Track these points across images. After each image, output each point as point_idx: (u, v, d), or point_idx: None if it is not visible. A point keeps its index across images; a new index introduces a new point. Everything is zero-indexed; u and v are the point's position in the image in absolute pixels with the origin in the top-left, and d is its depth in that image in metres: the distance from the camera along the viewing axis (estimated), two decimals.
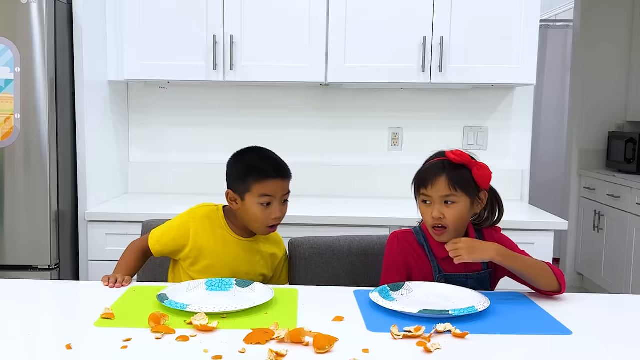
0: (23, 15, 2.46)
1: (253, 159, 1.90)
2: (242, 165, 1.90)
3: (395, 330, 1.39)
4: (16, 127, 2.48)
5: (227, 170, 1.94)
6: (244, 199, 1.86)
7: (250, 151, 1.95)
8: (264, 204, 1.84)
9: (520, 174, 3.26)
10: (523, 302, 1.68)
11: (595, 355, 1.32)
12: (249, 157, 1.92)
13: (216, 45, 2.86)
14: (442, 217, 1.72)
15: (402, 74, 2.86)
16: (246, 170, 1.87)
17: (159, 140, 3.32)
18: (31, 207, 2.51)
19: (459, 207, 1.72)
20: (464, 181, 1.73)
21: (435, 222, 1.73)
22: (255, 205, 1.84)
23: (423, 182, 1.75)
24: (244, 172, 1.87)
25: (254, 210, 1.85)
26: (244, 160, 1.91)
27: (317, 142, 3.30)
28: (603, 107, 4.86)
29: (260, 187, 1.84)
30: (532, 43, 2.83)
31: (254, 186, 1.84)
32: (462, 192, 1.72)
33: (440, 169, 1.74)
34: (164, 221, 2.05)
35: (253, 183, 1.84)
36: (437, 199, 1.73)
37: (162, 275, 2.20)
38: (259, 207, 1.84)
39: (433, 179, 1.73)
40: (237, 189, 1.88)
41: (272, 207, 1.86)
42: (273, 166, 1.88)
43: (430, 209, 1.74)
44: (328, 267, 2.05)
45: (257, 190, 1.84)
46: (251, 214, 1.86)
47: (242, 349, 1.29)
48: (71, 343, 1.30)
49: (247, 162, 1.90)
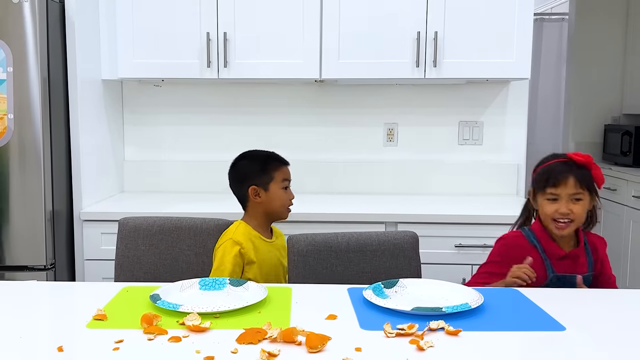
0: (15, 15, 2.45)
1: (263, 155, 2.20)
2: (258, 161, 2.17)
3: (388, 328, 1.39)
4: (9, 127, 2.48)
5: (238, 175, 2.18)
6: (268, 188, 2.14)
7: (251, 153, 2.23)
8: (284, 188, 2.16)
9: (516, 169, 3.25)
10: (516, 298, 1.67)
11: (588, 351, 1.32)
12: (258, 156, 2.20)
13: (210, 42, 2.85)
14: (569, 212, 1.88)
15: (396, 69, 2.86)
16: (264, 164, 2.16)
17: (154, 139, 3.31)
18: (26, 207, 2.51)
19: (584, 204, 1.90)
20: (589, 181, 1.91)
21: (562, 217, 1.89)
22: (280, 191, 2.15)
23: (553, 182, 1.90)
24: (263, 166, 2.15)
25: (279, 195, 2.14)
26: (257, 160, 2.18)
27: (313, 139, 3.29)
28: (599, 100, 4.86)
29: (281, 174, 2.16)
30: (527, 37, 2.82)
31: (276, 174, 2.14)
32: (586, 191, 1.90)
33: (568, 169, 1.90)
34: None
35: (274, 172, 2.14)
36: (565, 196, 1.88)
37: (163, 274, 2.20)
38: (282, 192, 2.15)
39: (563, 178, 1.89)
40: (260, 182, 2.13)
41: (289, 190, 2.19)
42: (279, 157, 2.21)
43: (557, 205, 1.89)
44: (325, 263, 2.05)
45: (279, 177, 2.15)
46: (277, 199, 2.14)
47: (235, 349, 1.28)
48: (63, 345, 1.30)
49: (262, 158, 2.18)
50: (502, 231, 2.63)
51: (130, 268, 2.22)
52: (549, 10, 5.76)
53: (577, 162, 1.91)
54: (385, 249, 2.07)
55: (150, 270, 2.22)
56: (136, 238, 2.23)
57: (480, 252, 2.64)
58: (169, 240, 2.24)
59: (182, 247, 2.23)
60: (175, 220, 2.26)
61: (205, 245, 2.22)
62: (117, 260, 2.23)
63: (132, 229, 2.24)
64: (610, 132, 4.68)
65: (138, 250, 2.23)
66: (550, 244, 1.93)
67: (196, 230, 2.24)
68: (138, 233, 2.24)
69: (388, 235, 2.10)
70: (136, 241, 2.23)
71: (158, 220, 2.26)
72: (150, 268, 2.23)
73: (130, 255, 2.23)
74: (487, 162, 3.27)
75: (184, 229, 2.24)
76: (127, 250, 2.23)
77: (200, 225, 2.25)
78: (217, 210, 2.69)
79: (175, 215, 2.31)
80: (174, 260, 2.23)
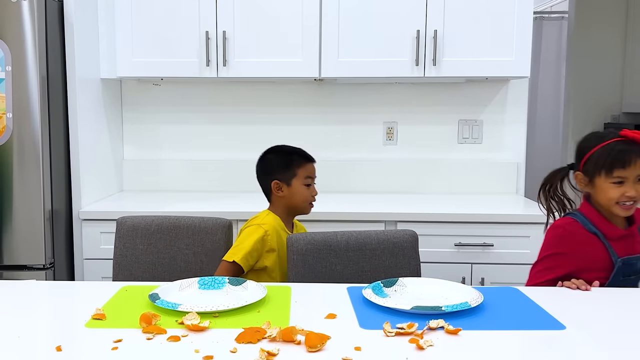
0: (14, 14, 2.44)
1: (289, 151, 2.26)
2: (283, 157, 2.23)
3: (387, 327, 1.39)
4: (8, 126, 2.47)
5: (264, 168, 2.24)
6: (291, 184, 2.19)
7: (279, 147, 2.30)
8: (306, 185, 2.20)
9: (516, 167, 3.25)
10: (517, 297, 1.67)
11: (588, 350, 1.31)
12: (284, 151, 2.27)
13: (209, 41, 2.84)
14: (636, 194, 1.83)
15: (396, 68, 2.85)
16: (289, 159, 2.21)
17: (153, 138, 3.31)
18: (25, 207, 2.51)
19: None
20: None
21: (628, 199, 1.83)
22: (301, 187, 2.20)
23: (621, 164, 1.82)
24: (286, 162, 2.20)
25: (301, 191, 2.20)
26: (282, 155, 2.24)
27: (312, 138, 3.29)
28: (599, 99, 4.85)
29: (304, 170, 2.21)
30: (526, 35, 2.82)
31: (299, 170, 2.20)
32: None
33: (634, 149, 1.82)
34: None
35: (297, 168, 2.20)
36: (633, 178, 1.82)
37: (161, 273, 2.20)
38: (304, 188, 2.20)
39: (631, 160, 1.81)
40: (283, 177, 2.20)
41: (312, 187, 2.23)
42: (306, 154, 2.25)
43: (624, 188, 1.82)
44: (325, 262, 2.05)
45: (302, 173, 2.20)
46: (298, 195, 2.20)
47: (234, 349, 1.28)
48: (61, 345, 1.29)
49: (287, 154, 2.24)
50: (502, 230, 2.65)
51: (129, 267, 2.22)
52: (549, 9, 5.75)
53: (638, 142, 1.82)
54: (384, 248, 2.07)
55: (149, 269, 2.22)
56: (134, 237, 2.23)
57: (480, 250, 2.64)
58: (167, 239, 2.23)
59: (180, 246, 2.23)
60: (173, 219, 2.26)
61: (204, 244, 2.22)
62: (115, 260, 2.23)
63: (130, 228, 2.24)
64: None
65: (136, 249, 2.22)
66: (608, 225, 1.87)
67: (194, 229, 2.24)
68: (136, 232, 2.23)
69: (387, 234, 2.10)
70: (134, 240, 2.23)
71: (156, 219, 2.26)
72: (149, 267, 2.22)
73: (129, 255, 2.22)
74: (486, 160, 3.27)
75: (182, 228, 2.24)
76: (125, 249, 2.23)
77: (198, 224, 2.24)
78: (215, 209, 2.69)
79: (174, 214, 2.31)
80: (172, 259, 2.23)
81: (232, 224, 2.30)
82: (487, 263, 2.66)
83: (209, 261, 2.21)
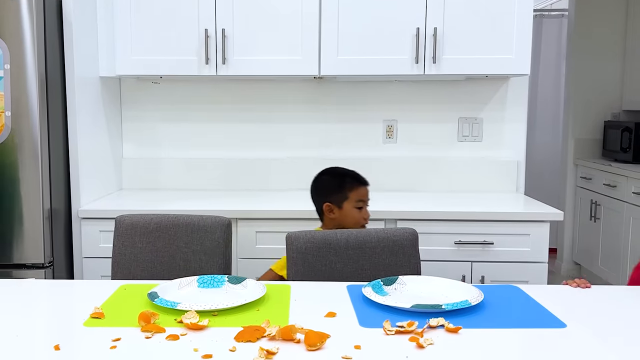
0: (12, 12, 2.43)
1: (343, 173, 2.29)
2: (336, 179, 2.27)
3: (387, 325, 1.38)
4: (7, 124, 2.46)
5: (318, 189, 2.29)
6: (342, 206, 2.22)
7: (333, 169, 2.34)
8: (358, 208, 2.22)
9: (516, 165, 3.24)
10: (517, 295, 1.67)
11: (589, 348, 1.31)
12: (338, 173, 2.30)
13: (208, 39, 2.83)
14: None
15: (395, 65, 2.85)
16: (341, 182, 2.25)
17: (152, 136, 3.30)
18: (24, 205, 2.50)
19: None
20: None
21: None
22: (353, 210, 2.22)
23: None
24: (339, 185, 2.24)
25: (352, 214, 2.22)
26: (335, 177, 2.28)
27: (312, 136, 3.28)
28: (599, 96, 4.85)
29: (356, 194, 2.23)
30: (526, 33, 2.81)
31: (351, 194, 2.22)
32: None
33: None
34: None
35: (349, 192, 2.22)
36: None
37: (160, 272, 2.19)
38: (355, 211, 2.22)
39: None
40: (335, 200, 2.23)
41: (364, 210, 2.25)
42: (359, 177, 2.28)
43: None
44: (325, 260, 2.04)
45: (354, 197, 2.22)
46: (350, 217, 2.22)
47: (233, 347, 1.28)
48: (59, 344, 1.29)
49: (340, 176, 2.28)
50: (502, 228, 2.65)
51: (127, 266, 2.21)
52: (549, 7, 5.75)
53: None
54: (384, 246, 2.06)
55: (147, 268, 2.21)
56: (133, 235, 2.22)
57: (480, 249, 2.64)
58: (166, 237, 2.23)
59: (179, 244, 2.22)
60: (172, 217, 2.25)
61: (203, 242, 2.21)
62: (114, 258, 2.22)
63: (128, 226, 2.23)
64: (610, 128, 4.67)
65: (135, 247, 2.22)
66: None
67: (193, 228, 2.23)
68: (135, 230, 2.23)
69: (387, 232, 2.09)
70: (133, 239, 2.22)
71: (155, 218, 2.25)
72: (147, 266, 2.22)
73: (127, 253, 2.22)
74: (486, 158, 3.26)
75: (182, 226, 2.23)
76: (124, 247, 2.22)
77: (197, 223, 2.23)
78: (215, 207, 2.69)
79: (173, 213, 2.30)
80: (171, 257, 2.22)
81: (232, 222, 2.29)
82: (487, 261, 2.65)
83: (208, 259, 2.20)
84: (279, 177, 3.27)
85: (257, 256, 2.68)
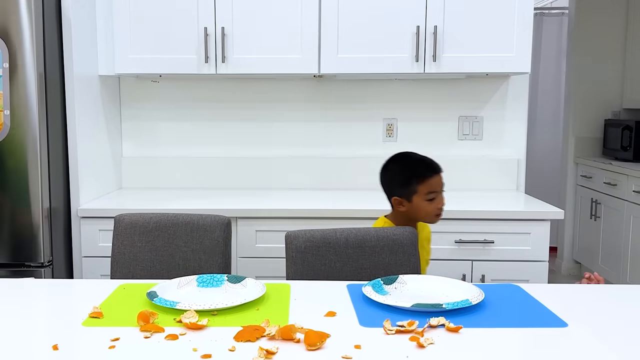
0: (11, 10, 2.42)
1: (410, 165, 2.13)
2: (402, 173, 2.12)
3: (387, 325, 1.38)
4: (5, 123, 2.46)
5: (385, 180, 2.17)
6: (411, 200, 2.10)
7: (404, 157, 2.18)
8: (430, 199, 2.08)
9: (516, 164, 3.24)
10: (518, 294, 1.66)
11: (590, 348, 1.30)
12: (405, 163, 2.15)
13: (208, 37, 2.83)
14: None
15: (395, 64, 2.84)
16: (408, 176, 2.10)
17: (152, 135, 3.29)
18: (23, 205, 2.49)
19: None
20: None
21: None
22: (423, 202, 2.09)
23: None
24: (406, 178, 2.10)
25: (423, 206, 2.10)
26: (402, 168, 2.14)
27: (312, 134, 3.28)
28: (599, 95, 4.84)
29: (426, 186, 2.08)
30: (527, 31, 2.80)
31: (420, 187, 2.08)
32: None
33: None
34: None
35: (418, 185, 2.08)
36: None
37: (159, 271, 2.18)
38: (426, 203, 2.09)
39: None
40: (403, 194, 2.11)
41: (437, 200, 2.10)
42: (429, 166, 2.12)
43: None
44: (324, 260, 2.03)
45: (423, 190, 2.08)
46: (421, 210, 2.10)
47: (232, 347, 1.27)
48: (58, 344, 1.28)
49: (407, 169, 2.12)
50: (503, 227, 2.64)
51: (127, 265, 2.21)
52: (549, 5, 5.74)
53: None
54: (384, 245, 2.05)
55: (147, 267, 2.20)
56: (132, 235, 2.21)
57: (481, 247, 2.63)
58: (166, 236, 2.22)
59: (178, 243, 2.22)
60: (171, 216, 2.24)
61: (202, 241, 2.21)
62: (113, 257, 2.22)
63: (128, 225, 2.22)
64: (610, 126, 4.66)
65: (134, 247, 2.21)
66: None
67: (193, 227, 2.22)
68: (134, 229, 2.22)
69: (387, 231, 2.09)
70: (132, 238, 2.21)
71: (154, 217, 2.24)
72: (147, 265, 2.21)
73: (126, 252, 2.21)
74: (487, 157, 3.25)
75: (181, 225, 2.22)
76: (123, 246, 2.21)
77: (197, 222, 2.23)
78: (214, 206, 2.69)
79: (172, 212, 2.29)
80: (170, 256, 2.22)
81: (231, 221, 2.28)
82: (487, 260, 2.65)
83: (208, 259, 2.19)
84: (278, 176, 3.26)
85: (256, 255, 2.67)
